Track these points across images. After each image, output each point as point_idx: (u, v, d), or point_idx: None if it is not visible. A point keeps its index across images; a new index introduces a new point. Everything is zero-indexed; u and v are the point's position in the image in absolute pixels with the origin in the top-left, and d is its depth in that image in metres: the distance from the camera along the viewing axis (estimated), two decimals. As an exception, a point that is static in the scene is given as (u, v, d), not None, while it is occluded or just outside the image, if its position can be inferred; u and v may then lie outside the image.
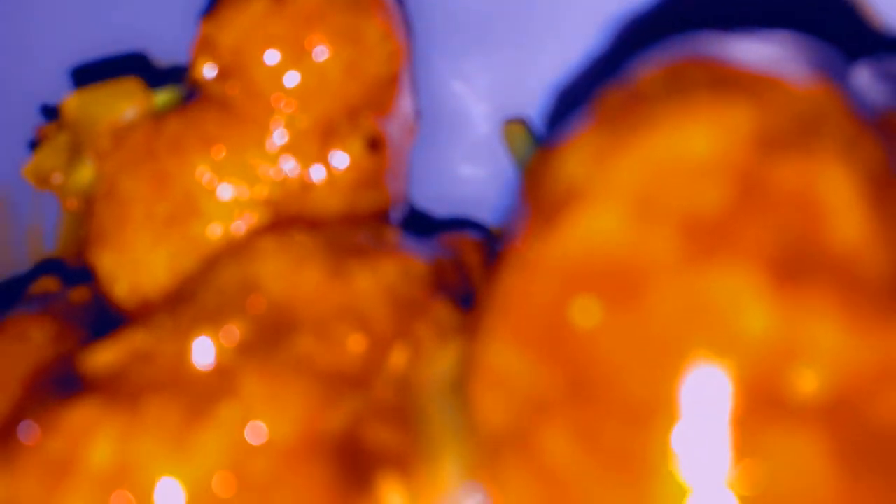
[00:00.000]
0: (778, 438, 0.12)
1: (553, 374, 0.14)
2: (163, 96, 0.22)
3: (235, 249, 0.19)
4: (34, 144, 0.26)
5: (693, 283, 0.13)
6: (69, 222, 0.29)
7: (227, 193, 0.21)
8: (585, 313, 0.13)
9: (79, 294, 0.25)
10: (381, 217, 0.23)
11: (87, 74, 0.26)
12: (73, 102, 0.22)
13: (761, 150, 0.13)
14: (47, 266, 0.28)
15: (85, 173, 0.22)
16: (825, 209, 0.13)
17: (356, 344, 0.18)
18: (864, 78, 0.18)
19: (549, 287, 0.14)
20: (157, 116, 0.22)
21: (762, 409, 0.12)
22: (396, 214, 0.23)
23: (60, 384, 0.19)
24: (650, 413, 0.13)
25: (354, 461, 0.16)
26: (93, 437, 0.16)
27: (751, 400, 0.12)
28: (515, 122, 0.24)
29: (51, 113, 0.26)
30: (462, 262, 0.22)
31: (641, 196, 0.14)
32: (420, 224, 0.26)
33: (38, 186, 0.24)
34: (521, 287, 0.14)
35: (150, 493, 0.15)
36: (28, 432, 0.16)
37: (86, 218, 0.23)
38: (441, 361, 0.18)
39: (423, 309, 0.19)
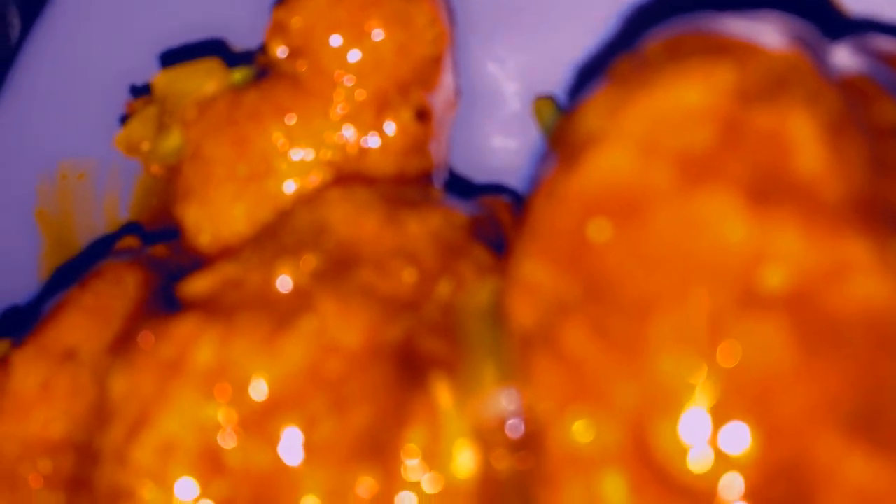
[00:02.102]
0: (751, 323, 0.16)
1: (573, 281, 0.17)
2: (239, 74, 0.25)
3: (307, 200, 0.23)
4: (124, 118, 0.29)
5: (685, 205, 0.16)
6: (142, 191, 0.32)
7: (297, 155, 0.23)
8: (599, 231, 0.17)
9: (158, 250, 0.28)
10: (426, 179, 0.26)
11: (171, 58, 0.29)
12: (162, 79, 0.25)
13: (741, 100, 0.17)
14: (127, 229, 0.31)
15: (171, 141, 0.26)
16: (791, 145, 0.16)
17: (409, 276, 0.21)
18: (843, 52, 0.21)
19: (571, 213, 0.17)
20: (236, 90, 0.25)
21: (738, 300, 0.16)
22: (439, 178, 0.26)
23: (163, 308, 0.22)
24: (650, 308, 0.16)
25: (410, 363, 0.19)
26: (196, 343, 0.19)
27: (729, 294, 0.16)
28: (544, 99, 0.27)
29: (138, 92, 0.30)
30: (496, 219, 0.26)
31: (645, 139, 0.17)
32: (458, 189, 0.28)
33: (128, 154, 0.27)
34: (548, 214, 0.18)
35: (245, 386, 0.19)
36: (145, 339, 0.20)
37: (171, 180, 0.26)
38: (479, 292, 0.21)
39: (463, 251, 0.22)
